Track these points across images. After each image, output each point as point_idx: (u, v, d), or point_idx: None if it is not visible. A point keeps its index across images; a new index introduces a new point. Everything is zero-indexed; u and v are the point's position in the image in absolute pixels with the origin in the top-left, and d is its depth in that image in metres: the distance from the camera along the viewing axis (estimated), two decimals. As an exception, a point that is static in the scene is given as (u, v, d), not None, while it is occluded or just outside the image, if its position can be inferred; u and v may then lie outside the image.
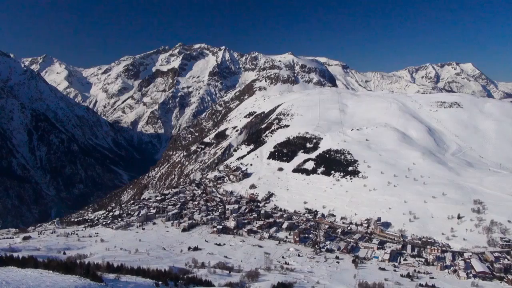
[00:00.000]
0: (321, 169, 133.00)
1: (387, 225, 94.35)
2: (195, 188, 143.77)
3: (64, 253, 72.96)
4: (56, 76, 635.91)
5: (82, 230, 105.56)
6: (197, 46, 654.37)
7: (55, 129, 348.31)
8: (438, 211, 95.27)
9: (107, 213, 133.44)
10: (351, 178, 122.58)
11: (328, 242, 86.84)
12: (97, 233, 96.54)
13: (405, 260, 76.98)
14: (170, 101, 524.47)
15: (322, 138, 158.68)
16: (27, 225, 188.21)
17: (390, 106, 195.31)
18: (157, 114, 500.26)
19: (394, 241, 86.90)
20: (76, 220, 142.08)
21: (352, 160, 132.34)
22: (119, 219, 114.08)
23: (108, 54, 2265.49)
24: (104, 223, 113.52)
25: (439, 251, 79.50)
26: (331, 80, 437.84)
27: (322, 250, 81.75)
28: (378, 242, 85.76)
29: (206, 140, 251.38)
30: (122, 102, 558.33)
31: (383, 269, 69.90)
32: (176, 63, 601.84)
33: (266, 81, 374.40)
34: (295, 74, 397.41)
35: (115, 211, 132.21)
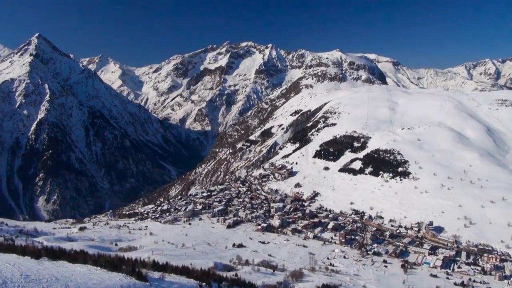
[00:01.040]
0: (369, 169, 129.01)
1: (439, 229, 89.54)
2: (240, 185, 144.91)
3: (116, 244, 76.26)
4: (111, 75, 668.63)
5: (132, 223, 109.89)
6: (244, 44, 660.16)
7: (109, 126, 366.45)
8: (497, 217, 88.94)
9: (156, 207, 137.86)
10: (401, 179, 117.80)
11: (375, 245, 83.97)
12: (147, 227, 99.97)
13: (459, 267, 72.62)
14: (217, 99, 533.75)
15: (370, 137, 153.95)
16: (83, 216, 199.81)
17: (444, 104, 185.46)
18: (205, 111, 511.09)
19: (447, 247, 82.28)
20: (127, 213, 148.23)
21: (402, 160, 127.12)
22: (167, 214, 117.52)
23: (159, 53, 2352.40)
24: (153, 217, 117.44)
25: (498, 259, 74.22)
26: (381, 78, 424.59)
27: (369, 253, 79.18)
28: (430, 248, 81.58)
29: (252, 138, 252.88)
30: (171, 100, 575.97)
31: (435, 276, 66.37)
32: (223, 61, 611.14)
33: (312, 79, 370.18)
34: (343, 72, 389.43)
35: (163, 205, 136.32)
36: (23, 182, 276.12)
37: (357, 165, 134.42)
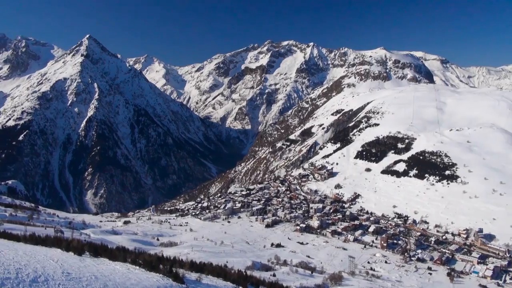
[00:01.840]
0: (414, 171, 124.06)
1: (490, 237, 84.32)
2: (280, 184, 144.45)
3: (158, 239, 78.40)
4: (155, 74, 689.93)
5: (173, 218, 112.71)
6: (285, 43, 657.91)
7: (153, 123, 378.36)
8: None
9: (196, 204, 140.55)
10: (448, 183, 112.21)
11: (419, 251, 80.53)
12: (187, 223, 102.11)
13: (511, 279, 68.08)
14: (258, 98, 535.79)
15: (415, 139, 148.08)
16: (128, 210, 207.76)
17: (498, 104, 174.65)
18: (245, 110, 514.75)
19: (499, 257, 77.30)
20: (168, 209, 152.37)
21: (450, 163, 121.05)
22: (207, 211, 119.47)
23: (201, 53, 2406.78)
24: (193, 213, 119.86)
25: (556, 272, 68.82)
26: (428, 76, 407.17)
27: (413, 258, 76.06)
28: (479, 256, 77.00)
29: (292, 137, 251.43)
30: (213, 99, 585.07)
31: (484, 286, 62.55)
32: (264, 60, 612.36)
33: (355, 78, 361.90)
34: (387, 70, 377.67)
35: (203, 202, 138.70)
36: (73, 176, 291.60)
37: (400, 167, 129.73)
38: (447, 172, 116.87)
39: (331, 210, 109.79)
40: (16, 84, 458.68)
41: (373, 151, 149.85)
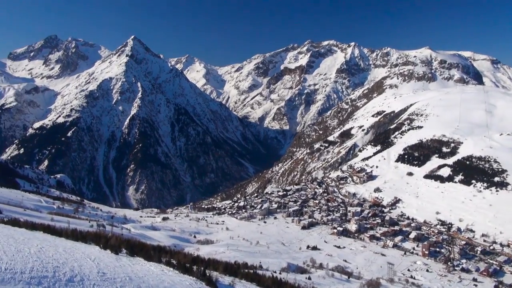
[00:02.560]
0: (459, 177, 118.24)
1: (543, 250, 78.85)
2: (317, 186, 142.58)
3: (195, 236, 79.73)
4: (196, 74, 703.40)
5: (210, 217, 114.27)
6: (325, 43, 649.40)
7: (193, 122, 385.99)
8: None
9: (232, 203, 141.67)
10: (497, 191, 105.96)
11: (464, 261, 76.58)
12: (223, 221, 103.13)
13: None
14: (296, 98, 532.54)
15: (462, 143, 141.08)
16: (167, 206, 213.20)
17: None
18: (283, 110, 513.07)
19: (553, 271, 72.12)
20: (206, 206, 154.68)
21: (500, 169, 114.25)
22: (243, 210, 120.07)
23: (241, 53, 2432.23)
24: (229, 212, 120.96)
25: None
26: (477, 77, 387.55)
27: (456, 268, 72.44)
28: (530, 269, 72.26)
29: (330, 138, 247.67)
30: (251, 99, 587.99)
31: (536, 302, 58.52)
32: (303, 60, 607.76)
33: (398, 78, 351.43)
34: (432, 71, 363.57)
35: (240, 202, 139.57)
36: (116, 172, 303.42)
37: (445, 172, 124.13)
38: (496, 179, 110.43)
39: (369, 214, 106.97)
40: (66, 83, 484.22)
41: (415, 155, 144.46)
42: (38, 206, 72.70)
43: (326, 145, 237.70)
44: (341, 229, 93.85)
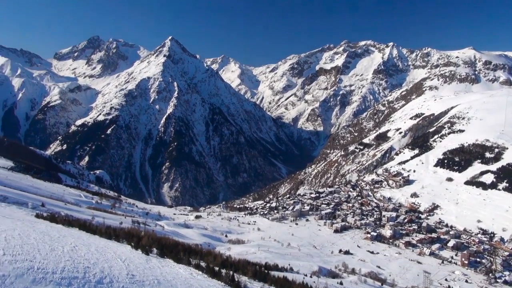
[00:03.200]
0: (503, 184, 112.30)
1: None
2: (351, 189, 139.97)
3: (226, 236, 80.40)
4: (231, 74, 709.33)
5: (242, 216, 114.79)
6: (362, 43, 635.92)
7: (227, 122, 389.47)
8: None
9: (264, 204, 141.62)
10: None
11: (507, 273, 72.51)
12: (255, 222, 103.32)
13: None
14: (331, 99, 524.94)
15: (507, 148, 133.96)
16: (200, 205, 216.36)
17: None
18: (317, 111, 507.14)
19: None
20: (238, 206, 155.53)
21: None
22: (275, 211, 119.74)
23: (276, 53, 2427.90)
24: (261, 213, 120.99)
25: None
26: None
27: (498, 280, 68.74)
28: None
29: (365, 140, 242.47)
30: (285, 99, 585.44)
31: None
32: (339, 61, 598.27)
33: (438, 80, 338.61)
34: (476, 72, 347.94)
35: (272, 203, 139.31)
36: (152, 169, 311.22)
37: (488, 178, 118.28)
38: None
39: (405, 220, 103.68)
40: (107, 82, 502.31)
41: (456, 160, 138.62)
42: (78, 201, 75.71)
43: (361, 147, 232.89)
44: (375, 234, 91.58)
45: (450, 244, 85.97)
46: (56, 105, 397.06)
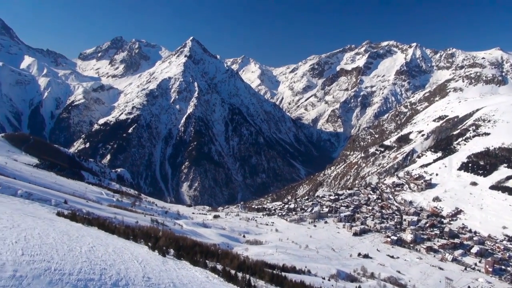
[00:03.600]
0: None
1: None
2: (370, 192, 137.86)
3: (244, 236, 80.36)
4: (251, 74, 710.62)
5: (260, 217, 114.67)
6: (384, 43, 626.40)
7: (246, 122, 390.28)
8: None
9: (283, 205, 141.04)
10: None
11: (533, 282, 70.05)
12: (273, 223, 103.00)
13: None
14: (352, 100, 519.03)
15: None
16: (218, 204, 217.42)
17: None
18: (338, 113, 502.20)
19: None
20: (256, 207, 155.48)
21: None
22: (293, 213, 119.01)
23: (296, 54, 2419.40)
24: (279, 214, 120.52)
25: None
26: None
27: (524, 290, 66.44)
28: None
29: (387, 143, 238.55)
30: (305, 100, 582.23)
31: None
32: (361, 61, 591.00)
33: (463, 81, 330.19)
34: (503, 73, 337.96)
35: (290, 204, 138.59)
36: (172, 168, 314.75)
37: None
38: None
39: (427, 225, 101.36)
40: (129, 82, 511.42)
41: (481, 164, 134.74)
42: (99, 198, 77.15)
43: (382, 149, 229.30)
44: (395, 238, 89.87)
45: (474, 250, 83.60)
46: (80, 104, 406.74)
